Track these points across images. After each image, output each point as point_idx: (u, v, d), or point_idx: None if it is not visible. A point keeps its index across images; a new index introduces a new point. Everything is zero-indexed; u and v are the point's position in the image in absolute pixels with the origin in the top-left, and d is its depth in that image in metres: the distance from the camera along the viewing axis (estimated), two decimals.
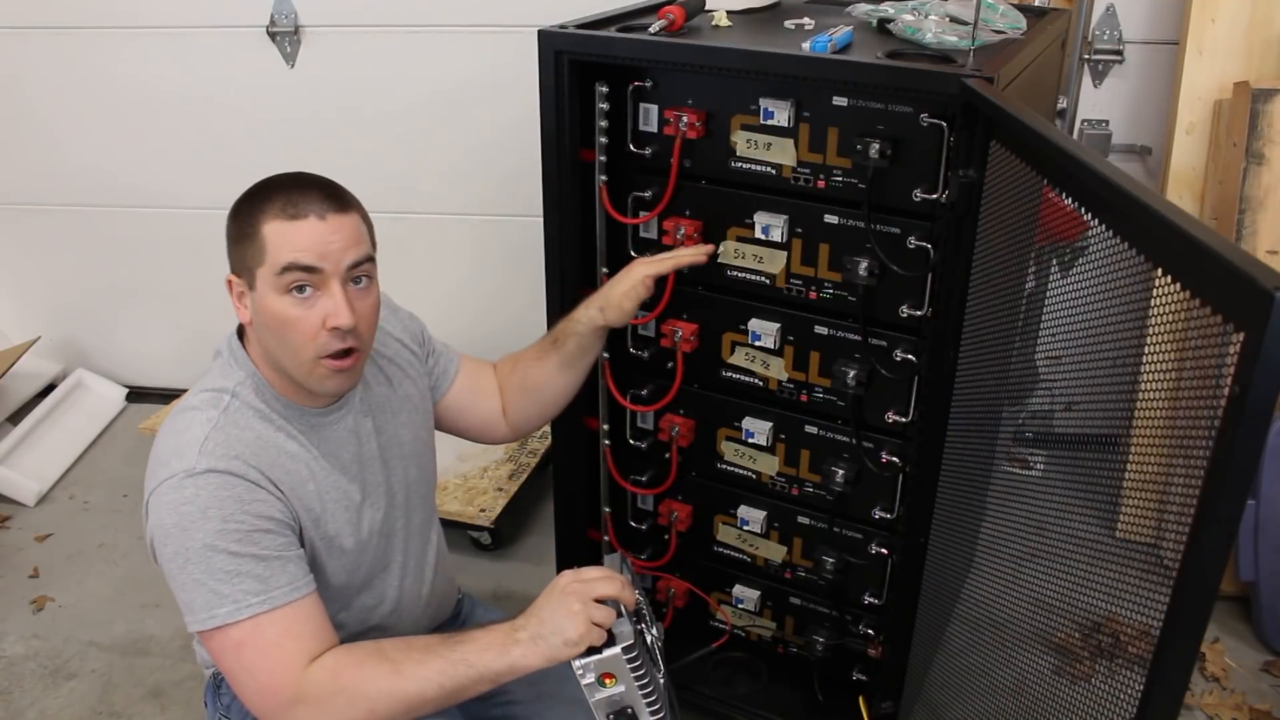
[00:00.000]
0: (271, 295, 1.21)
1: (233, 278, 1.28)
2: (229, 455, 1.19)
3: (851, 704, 1.68)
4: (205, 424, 1.21)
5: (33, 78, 2.64)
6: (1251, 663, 2.03)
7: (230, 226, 1.26)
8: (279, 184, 1.25)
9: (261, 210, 1.22)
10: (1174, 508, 0.86)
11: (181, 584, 1.17)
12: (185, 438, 1.20)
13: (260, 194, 1.24)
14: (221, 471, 1.17)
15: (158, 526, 1.17)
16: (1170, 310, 0.83)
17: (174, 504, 1.16)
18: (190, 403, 1.26)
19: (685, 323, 1.62)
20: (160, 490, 1.17)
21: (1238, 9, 2.13)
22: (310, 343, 1.21)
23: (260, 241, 1.21)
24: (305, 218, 1.21)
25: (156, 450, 1.22)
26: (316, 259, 1.20)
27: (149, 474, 1.21)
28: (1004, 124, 1.17)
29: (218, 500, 1.16)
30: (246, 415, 1.24)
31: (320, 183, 1.26)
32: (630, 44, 1.46)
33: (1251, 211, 2.08)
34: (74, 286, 2.90)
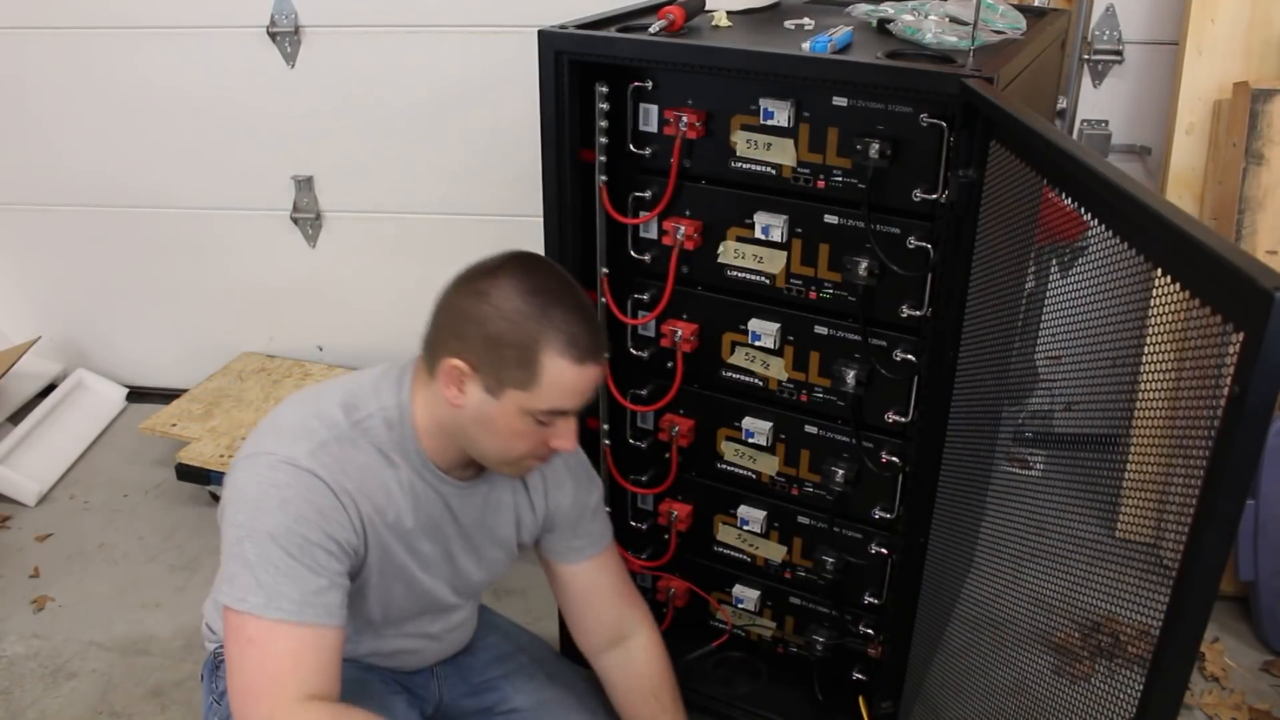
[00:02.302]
0: (515, 415, 1.20)
1: (461, 365, 1.20)
2: (336, 469, 1.20)
3: (851, 704, 1.68)
4: (332, 428, 1.22)
5: (33, 78, 2.64)
6: (1251, 662, 2.03)
7: (492, 323, 1.18)
8: (562, 304, 1.20)
9: (544, 337, 1.18)
10: (1174, 507, 0.86)
11: (232, 554, 1.17)
12: (309, 427, 1.21)
13: (543, 313, 1.18)
14: (321, 479, 1.18)
15: (238, 490, 1.19)
16: (1170, 310, 0.84)
17: (263, 479, 1.17)
18: (334, 394, 1.26)
19: (685, 323, 1.62)
20: (258, 458, 1.19)
21: (1237, 9, 2.13)
22: (528, 454, 1.25)
23: (535, 371, 1.18)
24: (587, 364, 1.21)
25: (281, 419, 1.24)
26: (578, 404, 1.22)
27: (261, 432, 1.23)
28: (1004, 124, 1.17)
29: (301, 499, 1.17)
30: (368, 441, 1.24)
31: (594, 316, 1.24)
32: (630, 44, 1.46)
33: (1251, 212, 2.08)
34: (74, 286, 2.90)
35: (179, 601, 2.20)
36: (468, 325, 1.19)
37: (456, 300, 1.22)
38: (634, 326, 1.67)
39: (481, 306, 1.19)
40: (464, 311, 1.20)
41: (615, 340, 1.69)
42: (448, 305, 1.23)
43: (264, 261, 2.75)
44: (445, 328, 1.22)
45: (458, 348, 1.20)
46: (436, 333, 1.24)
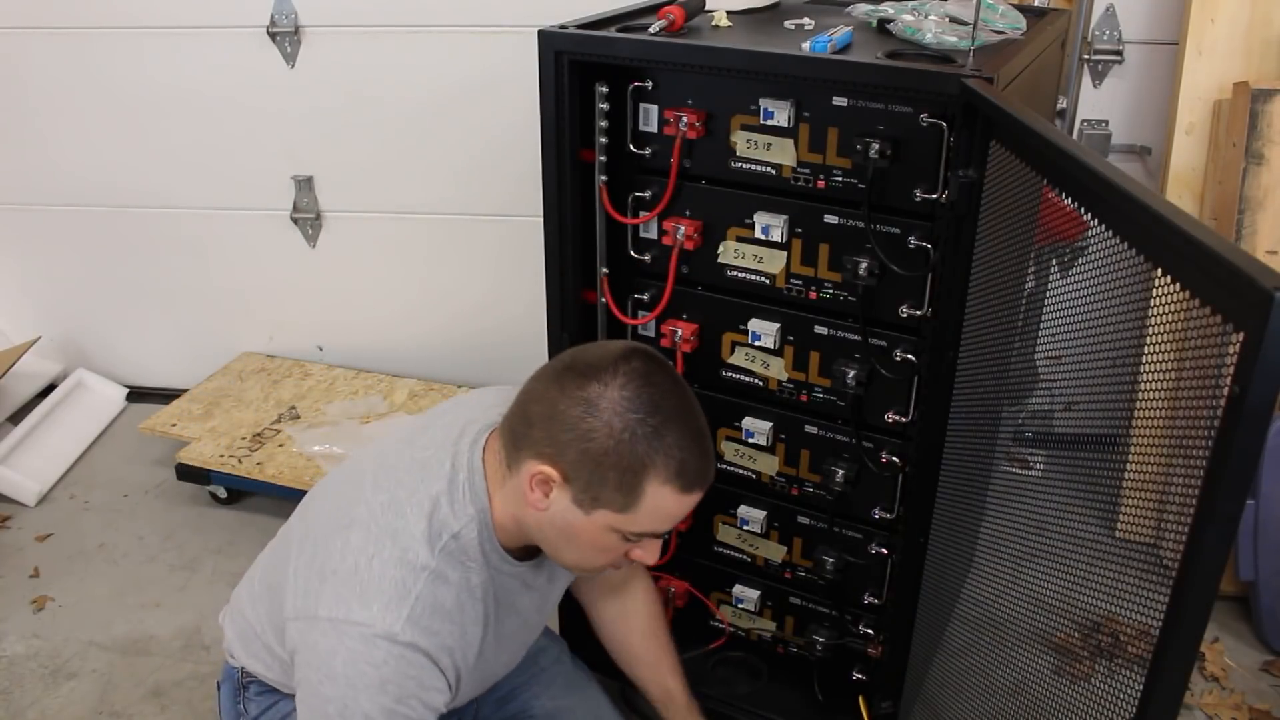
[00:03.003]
0: (603, 532, 1.13)
1: (553, 474, 1.11)
2: (431, 630, 1.12)
3: (851, 704, 1.68)
4: (421, 574, 1.12)
5: (33, 78, 2.64)
6: (1251, 662, 2.03)
7: (597, 440, 1.08)
8: (677, 427, 1.11)
9: (653, 464, 1.09)
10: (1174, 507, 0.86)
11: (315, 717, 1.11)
12: (395, 579, 1.10)
13: (656, 437, 1.09)
14: (421, 650, 1.10)
15: (324, 660, 1.09)
16: (1170, 310, 0.84)
17: (356, 655, 1.08)
18: (416, 522, 1.14)
19: (685, 323, 1.62)
20: (346, 629, 1.08)
21: (1237, 9, 2.13)
22: (608, 564, 1.20)
23: (636, 498, 1.10)
24: (693, 492, 1.14)
25: (366, 571, 1.11)
26: (672, 527, 1.17)
27: (343, 586, 1.11)
28: (1004, 124, 1.17)
29: (401, 678, 1.09)
30: (456, 566, 1.16)
31: (707, 437, 1.16)
32: (630, 44, 1.46)
33: (1251, 212, 2.08)
34: (74, 286, 2.90)
35: (179, 601, 2.20)
36: (568, 434, 1.09)
37: (557, 400, 1.10)
38: (634, 327, 1.67)
39: (587, 419, 1.08)
40: (565, 417, 1.09)
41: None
42: (545, 402, 1.12)
43: (264, 261, 2.75)
44: (539, 426, 1.11)
45: (552, 454, 1.10)
46: (526, 428, 1.13)
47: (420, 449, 1.22)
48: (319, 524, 1.21)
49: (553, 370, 1.15)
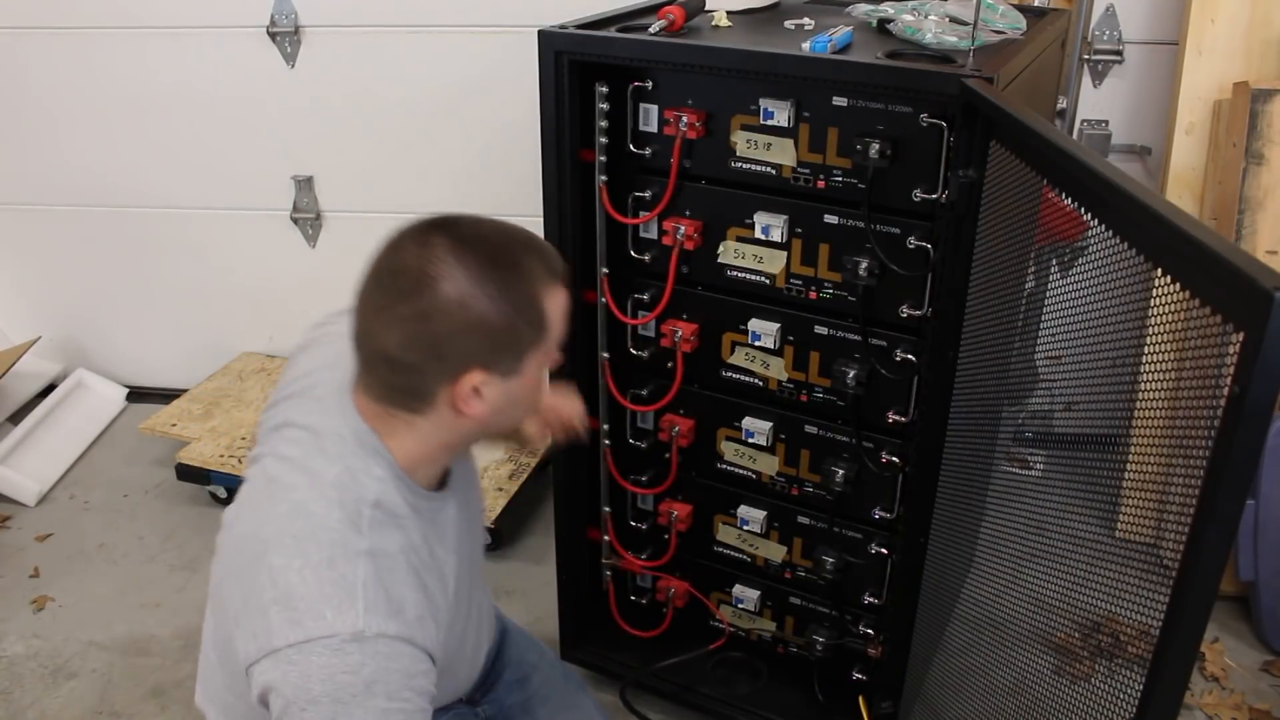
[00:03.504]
0: (535, 372, 1.09)
1: (478, 377, 1.04)
2: (393, 610, 1.03)
3: (851, 704, 1.68)
4: (359, 559, 1.03)
5: (33, 77, 2.64)
6: (1251, 662, 2.03)
7: (498, 316, 1.03)
8: (519, 243, 1.08)
9: (531, 283, 1.05)
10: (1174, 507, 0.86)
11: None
12: (336, 577, 1.01)
13: (517, 267, 1.05)
14: (392, 637, 1.02)
15: (300, 690, 0.99)
16: (1170, 310, 0.84)
17: (330, 670, 0.99)
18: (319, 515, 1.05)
19: (685, 323, 1.62)
20: (310, 648, 0.99)
21: (1237, 9, 2.13)
22: (542, 391, 1.15)
23: (543, 321, 1.07)
24: (563, 274, 1.10)
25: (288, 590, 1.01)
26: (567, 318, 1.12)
27: (275, 616, 1.01)
28: (1004, 124, 1.17)
29: (384, 674, 1.01)
30: (389, 534, 1.07)
31: (527, 230, 1.12)
32: (630, 44, 1.46)
33: (1251, 212, 2.08)
34: (74, 286, 2.90)
35: (179, 601, 2.20)
36: (462, 343, 1.03)
37: (420, 330, 1.03)
38: (634, 326, 1.67)
39: (468, 314, 1.02)
40: (447, 334, 1.03)
41: (615, 340, 1.69)
42: (411, 341, 1.04)
43: (264, 261, 2.75)
44: (429, 363, 1.04)
45: (460, 368, 1.04)
46: (416, 375, 1.06)
47: (295, 446, 1.12)
48: (235, 567, 1.10)
49: (385, 305, 1.04)
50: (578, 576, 1.86)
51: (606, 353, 1.69)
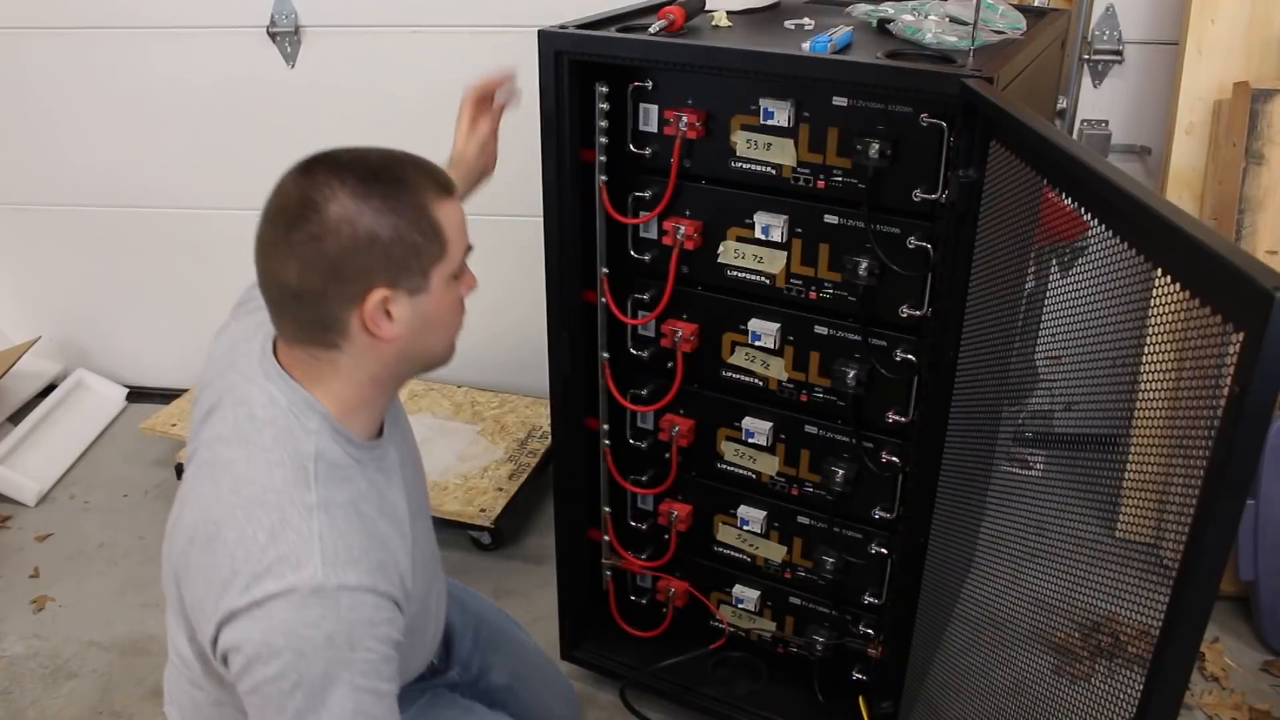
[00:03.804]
0: (444, 290, 1.09)
1: (380, 294, 1.04)
2: (351, 559, 1.02)
3: (851, 704, 1.68)
4: (310, 512, 1.02)
5: (33, 77, 2.64)
6: (1251, 662, 2.03)
7: (388, 229, 1.03)
8: (402, 162, 1.09)
9: (417, 194, 1.06)
10: (1174, 507, 0.86)
11: (278, 709, 0.99)
12: (291, 536, 1.01)
13: (400, 182, 1.06)
14: (353, 588, 1.01)
15: (261, 646, 0.99)
16: (1170, 310, 0.84)
17: (290, 625, 0.98)
18: (262, 480, 1.04)
19: (685, 323, 1.62)
20: (271, 605, 0.98)
21: (1237, 9, 2.13)
22: (461, 318, 1.15)
23: (440, 234, 1.06)
24: (454, 191, 1.11)
25: (245, 554, 1.01)
26: (466, 232, 1.12)
27: (228, 571, 1.01)
28: (1004, 124, 1.17)
29: (345, 625, 1.00)
30: (337, 485, 1.06)
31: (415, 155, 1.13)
32: (630, 44, 1.46)
33: (1251, 212, 2.08)
34: (74, 286, 2.90)
35: None
36: (357, 259, 1.02)
37: (315, 254, 1.02)
38: (634, 326, 1.67)
39: (356, 230, 1.02)
40: (339, 254, 1.02)
41: (616, 340, 1.69)
42: (308, 268, 1.03)
43: None
44: (330, 288, 1.03)
45: (363, 287, 1.03)
46: (314, 307, 1.05)
47: (225, 424, 1.11)
48: (192, 561, 1.08)
49: (277, 241, 1.04)
50: (578, 576, 1.86)
51: (606, 353, 1.69)
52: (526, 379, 2.66)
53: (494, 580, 2.25)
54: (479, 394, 2.73)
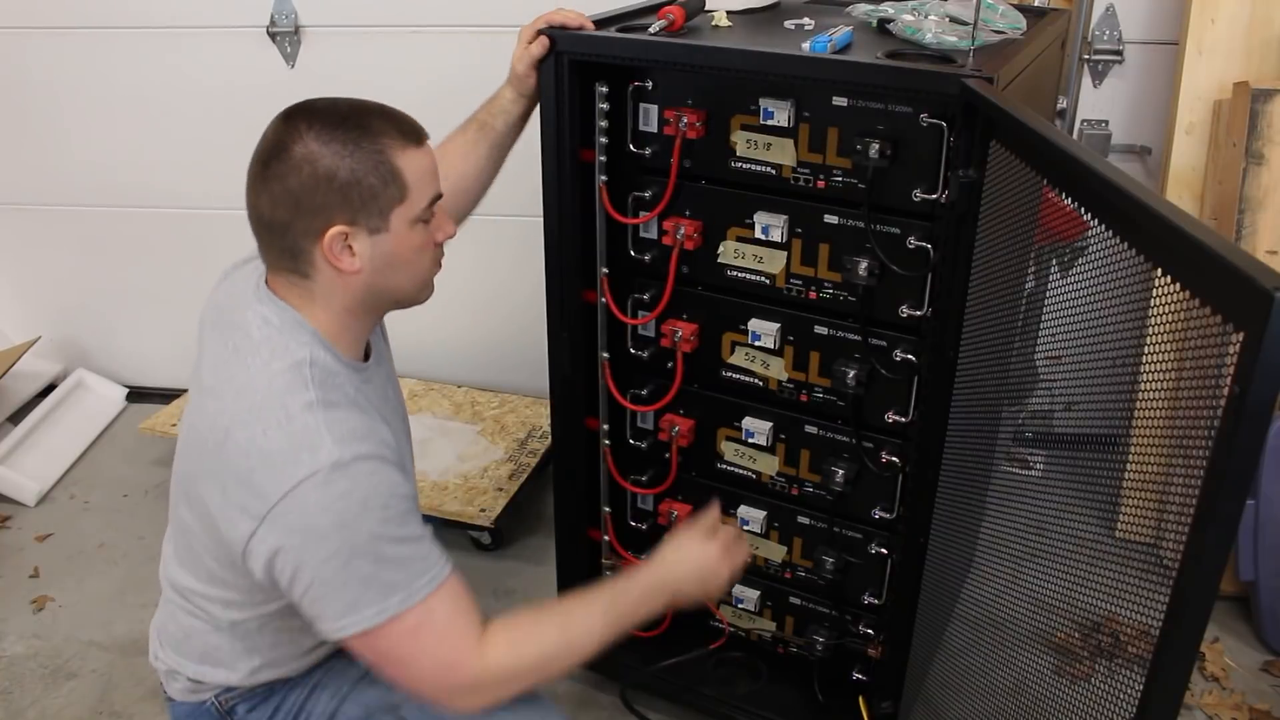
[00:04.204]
0: (407, 231, 1.17)
1: (343, 228, 1.13)
2: (359, 436, 1.11)
3: (851, 704, 1.68)
4: (312, 407, 1.11)
5: (32, 77, 2.64)
6: (1251, 662, 2.03)
7: (345, 170, 1.12)
8: (370, 112, 1.17)
9: (384, 144, 1.15)
10: (1174, 507, 0.86)
11: (343, 583, 1.09)
12: (299, 427, 1.10)
13: (363, 131, 1.14)
14: (366, 456, 1.10)
15: (307, 530, 1.08)
16: (1170, 310, 0.83)
17: (326, 502, 1.07)
18: (264, 387, 1.13)
19: (685, 323, 1.62)
20: (300, 491, 1.07)
21: (1237, 9, 2.13)
22: (433, 262, 1.25)
23: (399, 179, 1.15)
24: (423, 142, 1.19)
25: (262, 453, 1.09)
26: (438, 183, 1.21)
27: (259, 479, 1.09)
28: (1004, 124, 1.17)
29: (372, 487, 1.10)
30: (331, 388, 1.15)
31: (391, 108, 1.21)
32: (630, 44, 1.46)
33: (1251, 211, 2.08)
34: (74, 286, 2.90)
35: None
36: (316, 195, 1.12)
37: (282, 189, 1.13)
38: (634, 326, 1.67)
39: (316, 168, 1.12)
40: (301, 188, 1.12)
41: (615, 340, 1.69)
42: (276, 204, 1.14)
43: None
44: (294, 221, 1.14)
45: (323, 221, 1.13)
46: (285, 235, 1.15)
47: (224, 348, 1.20)
48: (203, 466, 1.17)
49: (256, 179, 1.16)
50: (578, 577, 1.86)
51: (606, 353, 1.69)
52: (526, 379, 2.66)
53: (494, 580, 2.25)
54: (479, 394, 2.73)
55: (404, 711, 1.31)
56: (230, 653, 1.30)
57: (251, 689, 1.33)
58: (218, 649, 1.30)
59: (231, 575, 1.20)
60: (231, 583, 1.22)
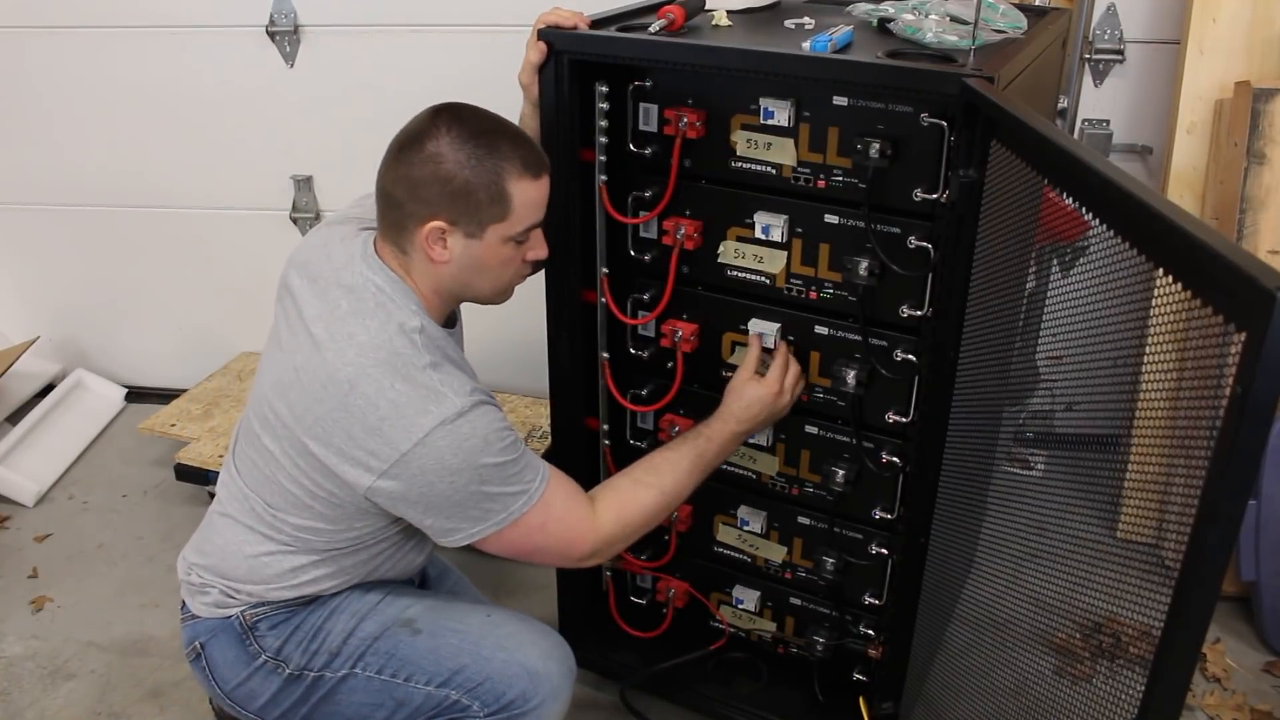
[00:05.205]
0: (498, 245, 1.33)
1: (443, 225, 1.30)
2: (471, 387, 1.30)
3: (852, 704, 1.67)
4: (431, 368, 1.29)
5: (32, 77, 2.63)
6: (1252, 663, 2.03)
7: (461, 179, 1.28)
8: (505, 135, 1.31)
9: (503, 168, 1.29)
10: (1175, 508, 0.86)
11: (475, 503, 1.30)
12: (425, 382, 1.28)
13: (493, 150, 1.29)
14: (481, 402, 1.30)
15: (438, 469, 1.26)
16: (1171, 310, 0.83)
17: (455, 444, 1.26)
18: (386, 346, 1.29)
19: (685, 323, 1.62)
20: (432, 438, 1.25)
21: (1239, 8, 2.13)
22: (516, 274, 1.40)
23: (506, 202, 1.30)
24: (543, 176, 1.34)
25: (392, 405, 1.26)
26: (543, 213, 1.36)
27: (390, 429, 1.26)
28: (1004, 124, 1.17)
29: (488, 425, 1.29)
30: (437, 351, 1.32)
31: (527, 135, 1.36)
32: (630, 44, 1.46)
33: (1252, 211, 2.07)
34: (74, 286, 2.90)
35: (178, 602, 2.19)
36: (431, 189, 1.28)
37: (406, 173, 1.29)
38: (634, 326, 1.67)
39: (439, 168, 1.28)
40: (421, 179, 1.28)
41: (615, 340, 1.69)
42: (400, 181, 1.30)
43: (264, 261, 2.73)
44: (407, 202, 1.30)
45: (429, 212, 1.29)
46: (399, 210, 1.31)
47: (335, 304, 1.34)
48: (322, 410, 1.30)
49: (391, 155, 1.32)
50: (578, 577, 1.86)
51: (606, 353, 1.69)
52: (526, 379, 2.66)
53: (494, 580, 2.25)
54: None
55: (419, 624, 1.44)
56: (279, 568, 1.41)
57: (278, 605, 1.44)
58: (267, 565, 1.42)
59: (319, 504, 1.36)
60: (316, 509, 1.36)
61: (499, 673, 1.41)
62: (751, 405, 1.51)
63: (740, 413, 1.51)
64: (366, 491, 1.30)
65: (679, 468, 1.46)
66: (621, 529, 1.41)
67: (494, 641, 1.43)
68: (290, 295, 1.42)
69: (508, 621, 1.47)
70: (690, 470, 1.47)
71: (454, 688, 1.41)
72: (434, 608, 1.48)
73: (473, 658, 1.42)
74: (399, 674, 1.42)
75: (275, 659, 1.43)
